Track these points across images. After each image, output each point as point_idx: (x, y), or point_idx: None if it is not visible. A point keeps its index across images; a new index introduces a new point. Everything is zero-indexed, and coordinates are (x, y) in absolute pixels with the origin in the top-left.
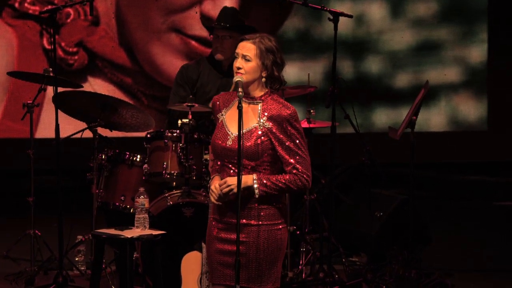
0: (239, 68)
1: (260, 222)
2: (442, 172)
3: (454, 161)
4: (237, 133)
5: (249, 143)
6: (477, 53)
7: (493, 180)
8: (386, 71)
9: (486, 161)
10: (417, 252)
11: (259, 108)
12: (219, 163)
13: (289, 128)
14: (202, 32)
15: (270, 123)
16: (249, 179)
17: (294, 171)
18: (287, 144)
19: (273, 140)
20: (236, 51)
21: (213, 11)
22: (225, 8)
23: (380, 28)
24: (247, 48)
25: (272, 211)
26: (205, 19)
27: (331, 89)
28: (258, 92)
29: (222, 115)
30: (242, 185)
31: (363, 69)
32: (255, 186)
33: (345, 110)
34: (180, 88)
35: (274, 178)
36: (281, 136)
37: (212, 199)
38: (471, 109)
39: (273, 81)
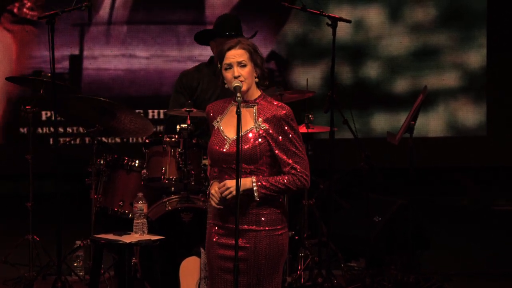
0: (237, 77)
1: (261, 228)
2: (440, 177)
3: (453, 166)
4: (234, 137)
5: (247, 146)
6: (476, 58)
7: (492, 185)
8: (385, 76)
9: (485, 166)
10: (416, 256)
11: (255, 111)
12: (216, 170)
13: (285, 128)
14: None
15: (267, 125)
16: (248, 182)
17: (293, 171)
18: (284, 144)
19: (270, 141)
20: (227, 62)
21: (212, 17)
22: (228, 16)
23: (379, 33)
24: (239, 54)
25: (273, 216)
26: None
27: (329, 94)
28: (253, 95)
29: (217, 122)
30: (241, 188)
31: (361, 74)
32: (255, 188)
33: (343, 115)
34: (179, 95)
35: (273, 180)
36: (278, 136)
37: (213, 203)
38: (469, 114)
39: (263, 78)
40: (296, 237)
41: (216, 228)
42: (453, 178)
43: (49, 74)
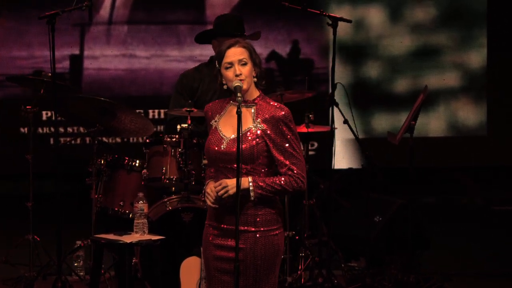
0: (238, 75)
1: (257, 228)
2: (440, 176)
3: (453, 166)
4: (231, 136)
5: (245, 146)
6: (476, 58)
7: (492, 184)
8: (385, 76)
9: (485, 165)
10: (416, 256)
11: (253, 111)
12: (212, 170)
13: (283, 129)
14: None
15: (265, 125)
16: (245, 182)
17: (290, 173)
18: (281, 145)
19: (268, 142)
20: (227, 60)
21: (212, 17)
22: (230, 15)
23: (379, 33)
24: (240, 52)
25: (269, 217)
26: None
27: (330, 94)
28: (252, 95)
29: (215, 121)
30: None
31: (362, 74)
32: (251, 188)
33: (344, 115)
34: (179, 97)
35: (269, 181)
36: (276, 137)
37: (208, 202)
38: (470, 114)
39: (261, 78)
40: (297, 237)
41: (211, 228)
42: (453, 177)
43: (50, 74)
